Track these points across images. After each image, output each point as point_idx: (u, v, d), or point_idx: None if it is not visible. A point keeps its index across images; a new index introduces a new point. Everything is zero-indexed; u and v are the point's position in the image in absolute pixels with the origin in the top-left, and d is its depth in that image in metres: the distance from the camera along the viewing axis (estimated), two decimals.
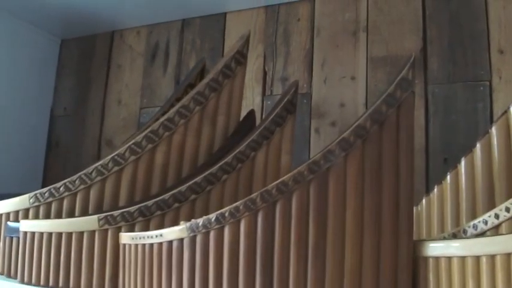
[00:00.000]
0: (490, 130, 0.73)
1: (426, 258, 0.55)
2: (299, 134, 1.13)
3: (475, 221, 0.64)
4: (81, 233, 0.69)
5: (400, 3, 1.11)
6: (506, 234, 0.52)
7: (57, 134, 1.50)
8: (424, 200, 0.80)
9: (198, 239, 0.57)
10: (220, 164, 0.70)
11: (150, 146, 0.75)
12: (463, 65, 1.03)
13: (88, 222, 0.68)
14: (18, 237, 0.73)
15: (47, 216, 0.75)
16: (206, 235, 0.57)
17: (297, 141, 1.11)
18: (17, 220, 0.75)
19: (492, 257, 0.50)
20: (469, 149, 0.75)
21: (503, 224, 0.62)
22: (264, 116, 1.18)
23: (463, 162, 0.75)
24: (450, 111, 1.03)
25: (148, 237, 0.61)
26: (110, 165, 0.74)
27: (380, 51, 1.11)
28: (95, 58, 1.49)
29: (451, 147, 1.01)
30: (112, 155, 0.75)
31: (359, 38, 1.14)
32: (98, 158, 1.35)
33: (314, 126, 1.14)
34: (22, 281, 0.71)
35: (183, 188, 0.68)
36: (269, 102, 1.19)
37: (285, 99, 0.74)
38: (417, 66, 1.06)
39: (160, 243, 0.60)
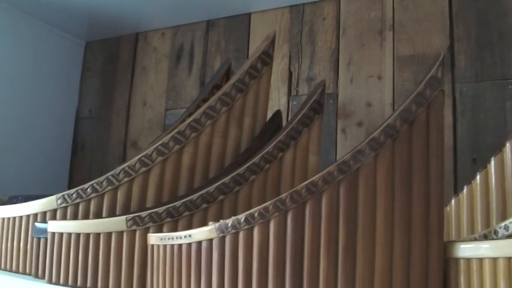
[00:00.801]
0: None
1: (457, 260, 0.54)
2: (325, 135, 1.12)
3: (506, 222, 0.63)
4: (109, 234, 0.69)
5: (426, 1, 1.10)
6: None
7: (82, 136, 1.52)
8: (453, 201, 0.79)
9: (227, 239, 0.57)
10: (248, 164, 0.70)
11: (177, 147, 0.75)
12: (491, 63, 1.02)
13: (116, 223, 0.68)
14: (46, 238, 0.73)
15: (75, 217, 0.75)
16: (235, 236, 0.57)
17: (323, 141, 1.11)
18: (44, 221, 0.76)
19: None
20: (498, 149, 0.74)
21: None
22: (290, 116, 1.18)
23: (492, 162, 0.74)
24: (478, 110, 1.01)
25: (177, 237, 0.61)
26: (137, 166, 0.74)
27: (407, 50, 1.10)
28: (119, 60, 1.50)
29: (479, 147, 1.00)
30: (139, 156, 0.75)
31: (385, 37, 1.13)
32: (123, 160, 1.36)
33: (340, 126, 1.13)
34: (50, 281, 0.72)
35: (211, 188, 0.68)
36: (295, 103, 1.19)
37: (312, 99, 0.74)
38: (444, 64, 1.05)
39: (189, 244, 0.60)
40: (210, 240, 0.58)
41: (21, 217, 0.79)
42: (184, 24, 1.40)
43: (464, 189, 0.78)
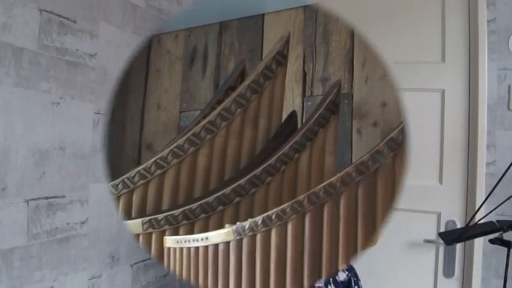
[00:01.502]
0: None
1: None
2: (340, 135, 1.11)
3: None
4: None
5: None
6: None
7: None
8: None
9: (245, 242, 0.57)
10: (264, 166, 0.69)
11: (192, 149, 0.75)
12: None
13: (132, 226, 0.68)
14: None
15: None
16: (253, 238, 0.56)
17: (339, 142, 1.10)
18: None
19: None
20: None
21: None
22: (304, 117, 1.17)
23: None
24: None
25: (193, 240, 0.60)
26: (153, 168, 0.74)
27: None
28: (133, 63, 1.49)
29: None
30: (154, 158, 0.75)
31: None
32: (138, 162, 1.35)
33: (356, 126, 1.12)
34: None
35: (227, 190, 0.67)
36: (309, 103, 1.18)
37: (328, 100, 0.73)
38: None
39: (206, 247, 0.59)
40: (227, 243, 0.58)
41: None
42: (197, 26, 1.40)
43: None
